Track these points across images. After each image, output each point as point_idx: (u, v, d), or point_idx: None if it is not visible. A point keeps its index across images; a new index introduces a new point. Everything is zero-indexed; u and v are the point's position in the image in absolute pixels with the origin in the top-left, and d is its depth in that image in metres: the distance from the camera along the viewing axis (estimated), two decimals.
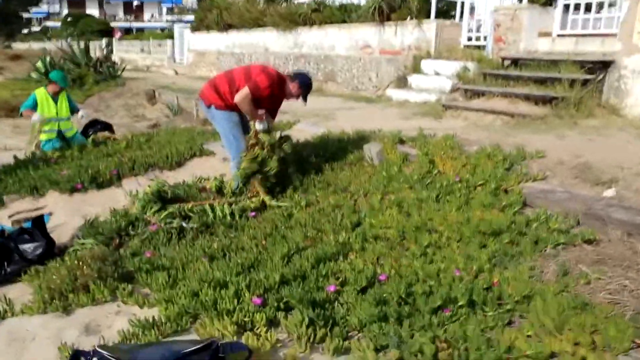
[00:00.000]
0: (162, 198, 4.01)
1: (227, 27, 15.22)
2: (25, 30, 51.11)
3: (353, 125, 6.32)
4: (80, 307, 2.80)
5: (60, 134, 6.56)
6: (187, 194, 4.28)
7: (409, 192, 4.06)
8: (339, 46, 11.30)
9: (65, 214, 4.30)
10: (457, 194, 3.90)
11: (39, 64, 16.17)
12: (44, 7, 54.94)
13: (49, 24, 47.85)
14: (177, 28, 19.71)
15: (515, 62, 7.42)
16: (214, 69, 16.11)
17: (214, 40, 16.05)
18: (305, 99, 4.56)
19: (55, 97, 6.45)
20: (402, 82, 9.27)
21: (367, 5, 10.44)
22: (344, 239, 3.33)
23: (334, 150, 5.21)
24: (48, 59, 16.40)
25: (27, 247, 3.17)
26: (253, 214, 3.98)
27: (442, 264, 2.92)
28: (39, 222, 3.31)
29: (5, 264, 3.11)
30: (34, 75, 16.09)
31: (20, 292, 3.11)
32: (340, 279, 2.85)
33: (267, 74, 4.31)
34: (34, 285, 3.04)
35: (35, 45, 34.02)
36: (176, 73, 18.54)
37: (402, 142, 5.20)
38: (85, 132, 7.00)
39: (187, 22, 18.83)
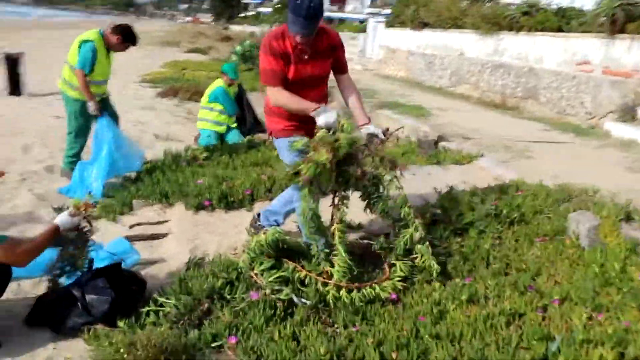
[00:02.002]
0: (279, 249, 3.08)
1: (421, 25, 14.01)
2: (242, 15, 55.88)
3: (556, 171, 4.76)
4: None
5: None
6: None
7: (638, 315, 2.55)
8: (548, 58, 9.38)
9: (180, 240, 3.65)
10: None
11: (238, 48, 16.79)
12: None
13: (262, 9, 51.31)
14: (371, 21, 19.03)
15: None
16: (403, 69, 15.07)
17: (406, 38, 14.97)
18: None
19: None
20: (628, 114, 7.16)
21: (595, 12, 8.35)
22: None
23: (525, 209, 3.79)
24: (248, 42, 16.95)
25: (95, 299, 2.48)
26: (393, 296, 2.85)
27: None
28: (115, 270, 2.61)
29: (67, 315, 2.45)
30: (233, 57, 16.75)
31: (79, 352, 2.45)
32: None
33: (262, 46, 2.83)
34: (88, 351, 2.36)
35: (249, 29, 36.58)
36: (364, 69, 17.91)
37: (629, 218, 3.56)
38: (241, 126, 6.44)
39: (385, 15, 18.01)
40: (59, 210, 2.66)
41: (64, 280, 2.77)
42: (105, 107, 4.81)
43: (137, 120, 7.49)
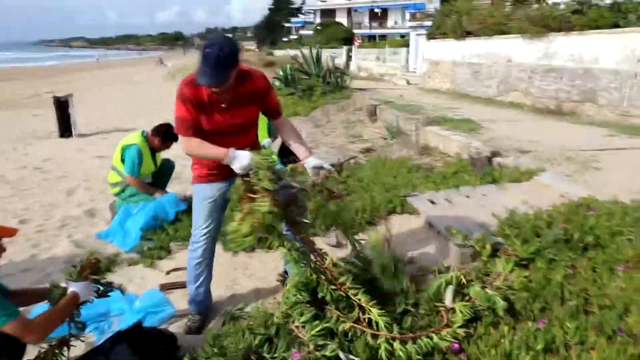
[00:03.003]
0: (315, 292, 2.75)
1: (464, 34, 13.52)
2: (285, 39, 56.72)
3: (630, 183, 4.24)
4: None
5: None
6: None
7: None
8: (605, 57, 8.72)
9: (218, 286, 3.36)
10: None
11: (281, 73, 16.80)
12: (301, 17, 60.18)
13: (304, 32, 51.87)
14: (412, 35, 18.70)
15: None
16: (448, 81, 14.58)
17: (449, 49, 14.50)
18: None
19: None
20: None
21: None
22: None
23: (599, 231, 3.31)
24: (288, 67, 16.94)
25: None
26: (455, 346, 2.47)
27: None
28: (137, 331, 2.36)
29: None
30: (276, 83, 16.76)
31: None
32: None
33: (177, 92, 2.57)
34: None
35: (291, 52, 36.90)
36: (408, 83, 17.53)
37: None
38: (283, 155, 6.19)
39: (426, 28, 17.66)
40: (70, 273, 2.41)
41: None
42: (163, 179, 5.00)
43: (177, 154, 7.41)
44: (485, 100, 11.77)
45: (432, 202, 4.20)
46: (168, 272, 3.73)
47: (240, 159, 2.41)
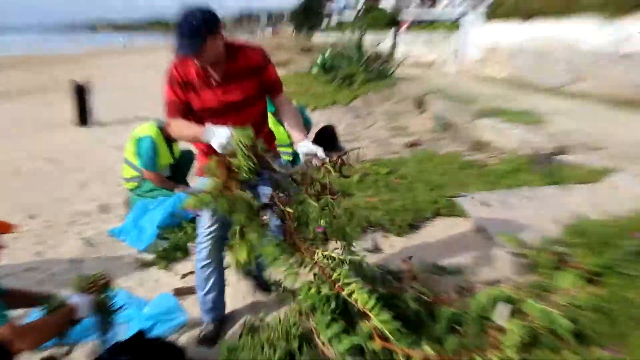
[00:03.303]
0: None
1: (528, 14, 13.09)
2: (324, 24, 56.70)
3: None
4: None
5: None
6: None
7: None
8: None
9: (236, 293, 3.33)
10: None
11: (320, 59, 16.70)
12: (341, 1, 59.98)
13: (344, 17, 51.62)
14: (466, 18, 18.26)
15: None
16: (506, 68, 14.19)
17: (507, 32, 14.08)
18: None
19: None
20: None
21: None
22: None
23: None
24: (328, 52, 16.82)
25: None
26: None
27: None
28: (140, 341, 2.29)
29: None
30: (315, 69, 16.65)
31: None
32: None
33: (165, 78, 2.60)
34: None
35: (331, 38, 36.77)
36: (459, 71, 17.15)
37: None
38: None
39: (483, 9, 17.21)
40: (79, 281, 2.37)
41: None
42: (182, 172, 5.02)
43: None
44: (550, 90, 11.37)
45: (485, 204, 4.02)
46: (184, 276, 3.68)
47: (218, 135, 2.33)
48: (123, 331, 2.90)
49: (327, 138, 6.13)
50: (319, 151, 2.53)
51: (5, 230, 2.15)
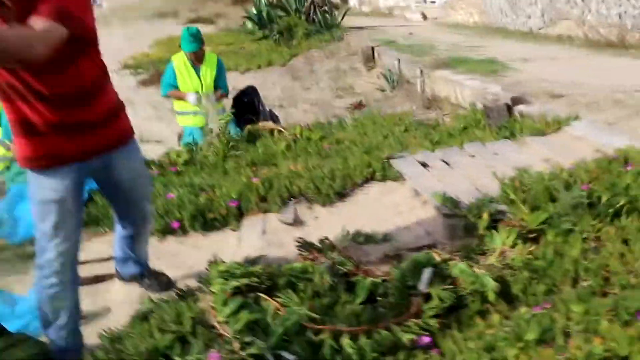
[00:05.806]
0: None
1: None
2: None
3: None
4: None
5: None
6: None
7: None
8: None
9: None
10: None
11: (253, 10, 16.60)
12: None
13: None
14: None
15: None
16: (476, 12, 14.58)
17: None
18: None
19: (197, 65, 5.84)
20: None
21: None
22: None
23: (636, 192, 3.37)
24: (263, 2, 16.74)
25: None
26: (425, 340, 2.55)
27: None
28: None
29: None
30: (248, 24, 16.59)
31: None
32: None
33: None
34: None
35: None
36: (424, 17, 17.50)
37: None
38: (239, 116, 6.22)
39: None
40: None
41: None
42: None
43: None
44: (525, 34, 11.78)
45: (424, 165, 4.27)
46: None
47: None
48: None
49: (246, 103, 6.31)
50: None
51: None
